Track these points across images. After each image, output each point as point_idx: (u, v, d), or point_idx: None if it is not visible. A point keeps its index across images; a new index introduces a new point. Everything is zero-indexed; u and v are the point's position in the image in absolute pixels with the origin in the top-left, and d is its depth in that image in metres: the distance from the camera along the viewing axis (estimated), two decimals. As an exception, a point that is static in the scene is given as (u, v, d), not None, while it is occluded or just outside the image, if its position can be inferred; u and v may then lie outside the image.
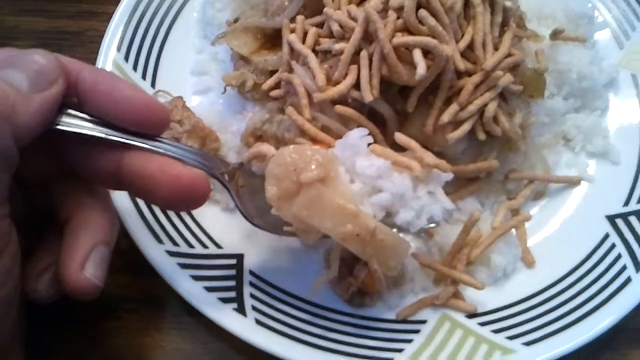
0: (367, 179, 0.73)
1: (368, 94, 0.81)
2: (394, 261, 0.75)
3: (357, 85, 0.82)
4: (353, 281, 0.83)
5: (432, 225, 0.78)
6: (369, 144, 0.76)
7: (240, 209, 0.79)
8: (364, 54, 0.81)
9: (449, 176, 0.77)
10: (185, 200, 0.70)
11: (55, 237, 0.71)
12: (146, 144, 0.69)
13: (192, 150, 0.73)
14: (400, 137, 0.79)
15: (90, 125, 0.67)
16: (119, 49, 1.02)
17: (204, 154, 0.77)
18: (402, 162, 0.75)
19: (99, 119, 0.68)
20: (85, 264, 0.67)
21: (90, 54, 1.05)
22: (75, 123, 0.67)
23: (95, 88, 0.67)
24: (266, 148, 0.78)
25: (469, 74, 0.86)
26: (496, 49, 0.87)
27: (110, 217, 0.73)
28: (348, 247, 0.72)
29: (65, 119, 0.66)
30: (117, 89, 0.68)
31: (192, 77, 1.04)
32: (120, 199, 0.87)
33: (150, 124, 0.69)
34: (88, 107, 0.68)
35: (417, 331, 0.85)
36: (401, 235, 0.80)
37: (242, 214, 0.79)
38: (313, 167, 0.70)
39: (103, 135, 0.68)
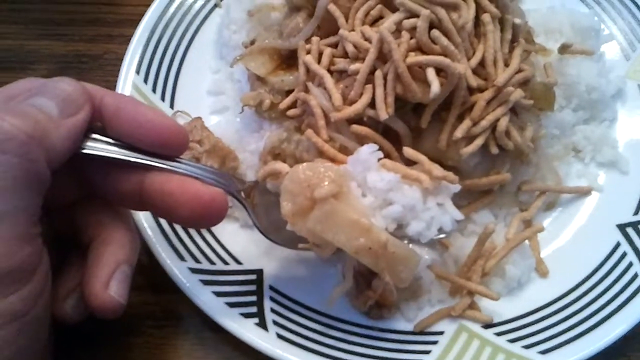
0: (379, 193, 0.75)
1: (383, 112, 0.83)
2: (405, 273, 0.77)
3: (372, 104, 0.84)
4: (371, 294, 0.84)
5: (443, 235, 0.79)
6: (379, 159, 0.78)
7: (256, 225, 0.81)
8: (378, 73, 0.83)
9: (457, 187, 0.79)
10: (205, 217, 0.72)
11: (79, 259, 0.73)
12: (167, 164, 0.72)
13: (209, 170, 0.76)
14: (408, 152, 0.82)
15: (113, 148, 0.70)
16: (138, 71, 1.04)
17: (221, 172, 0.79)
18: (411, 175, 0.77)
19: (121, 142, 0.70)
20: (110, 283, 0.69)
21: (108, 77, 1.08)
22: (99, 147, 0.70)
23: (119, 113, 0.70)
24: (280, 166, 0.80)
25: (481, 90, 0.87)
26: (506, 65, 0.89)
27: (132, 236, 0.75)
28: (361, 260, 0.74)
29: (90, 143, 0.69)
30: (140, 114, 0.70)
31: (209, 97, 1.07)
32: (143, 218, 0.90)
33: (170, 145, 0.72)
34: (111, 131, 0.70)
35: (435, 342, 0.86)
36: (416, 247, 0.83)
37: (259, 229, 0.82)
38: (326, 183, 0.72)
39: (126, 158, 0.70)
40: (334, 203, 0.72)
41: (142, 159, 0.71)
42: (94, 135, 0.70)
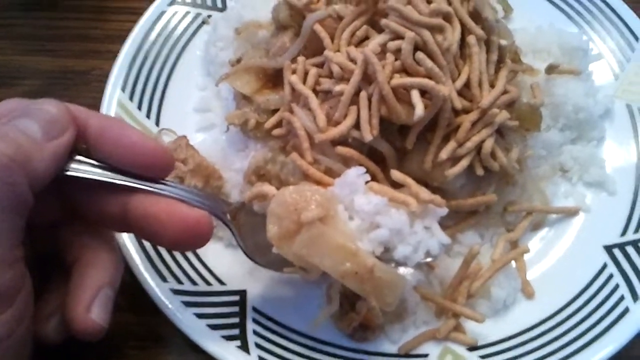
0: (366, 216, 0.75)
1: (368, 134, 0.82)
2: (391, 297, 0.76)
3: (357, 125, 0.83)
4: (355, 316, 0.84)
5: (429, 259, 0.79)
6: (367, 182, 0.78)
7: (242, 248, 0.81)
8: (363, 94, 0.83)
9: (444, 211, 0.78)
10: (190, 240, 0.72)
11: (61, 279, 0.72)
12: (152, 187, 0.71)
13: (195, 192, 0.75)
14: (396, 174, 0.81)
15: (97, 170, 0.69)
16: (123, 89, 1.04)
17: (206, 194, 0.79)
18: (398, 198, 0.76)
19: (105, 164, 0.70)
20: (92, 306, 0.69)
21: (95, 93, 1.07)
22: (83, 169, 0.69)
23: (104, 135, 0.69)
24: (267, 188, 0.79)
25: (466, 111, 0.87)
26: (492, 86, 0.88)
27: (116, 259, 0.75)
28: (347, 284, 0.73)
29: (74, 165, 0.69)
30: (125, 135, 0.70)
31: (196, 114, 1.06)
32: (125, 238, 0.89)
33: (155, 167, 0.71)
34: (96, 153, 0.70)
35: (419, 365, 0.85)
36: (402, 268, 0.82)
37: (244, 252, 0.81)
38: (313, 206, 0.72)
39: (110, 180, 0.70)
40: (321, 227, 0.72)
41: (126, 181, 0.70)
42: (78, 157, 0.69)
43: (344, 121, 0.83)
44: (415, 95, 0.81)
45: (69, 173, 0.68)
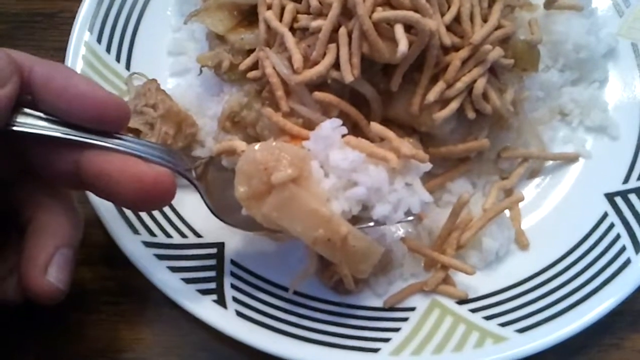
0: (342, 173, 0.71)
1: (348, 74, 0.77)
2: (365, 265, 0.74)
3: (337, 66, 0.78)
4: (336, 268, 0.80)
5: (410, 218, 0.75)
6: (344, 135, 0.73)
7: (209, 207, 0.76)
8: (342, 31, 0.77)
9: (427, 166, 0.74)
10: (148, 200, 0.66)
11: (20, 238, 0.68)
12: (105, 142, 0.66)
13: (155, 147, 0.70)
14: (375, 127, 0.76)
15: (46, 124, 0.64)
16: (91, 30, 0.98)
17: (168, 149, 0.74)
18: (377, 154, 0.71)
19: (56, 117, 0.64)
20: (48, 268, 0.65)
21: (64, 37, 1.01)
22: (30, 123, 0.64)
23: (49, 84, 0.63)
24: (237, 143, 0.75)
25: (456, 48, 0.81)
26: (485, 21, 0.83)
27: (73, 217, 0.70)
28: (318, 250, 0.71)
29: (20, 118, 0.63)
30: (72, 85, 0.64)
31: (169, 57, 1.01)
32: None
33: (108, 120, 0.66)
34: (43, 105, 0.64)
35: (405, 319, 0.81)
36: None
37: (212, 211, 0.76)
38: (285, 166, 0.68)
39: (59, 135, 0.64)
40: (293, 189, 0.68)
41: (75, 135, 0.65)
42: (25, 110, 0.64)
43: (322, 61, 0.77)
44: (398, 29, 0.75)
45: (15, 128, 0.63)
